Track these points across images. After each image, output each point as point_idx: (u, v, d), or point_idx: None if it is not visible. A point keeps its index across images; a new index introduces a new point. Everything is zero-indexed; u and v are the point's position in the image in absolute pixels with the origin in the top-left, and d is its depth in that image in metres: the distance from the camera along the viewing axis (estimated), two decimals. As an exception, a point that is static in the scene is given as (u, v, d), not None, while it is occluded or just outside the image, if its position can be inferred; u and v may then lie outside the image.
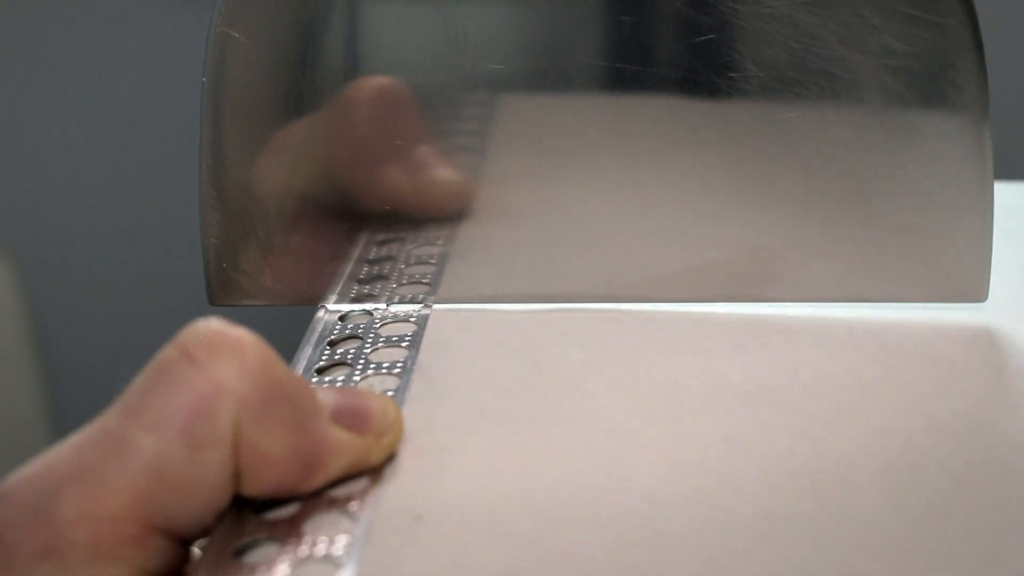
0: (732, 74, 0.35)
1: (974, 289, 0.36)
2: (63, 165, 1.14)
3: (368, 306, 0.38)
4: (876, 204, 0.36)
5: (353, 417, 0.28)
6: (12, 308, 1.14)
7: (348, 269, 0.38)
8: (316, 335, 0.36)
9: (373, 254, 0.38)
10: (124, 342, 0.80)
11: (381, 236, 0.38)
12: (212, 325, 0.27)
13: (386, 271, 0.38)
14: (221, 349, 0.27)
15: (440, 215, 0.38)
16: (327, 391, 0.29)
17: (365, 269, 0.38)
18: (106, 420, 0.26)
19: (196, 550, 0.28)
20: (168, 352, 0.27)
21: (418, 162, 0.37)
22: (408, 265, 0.38)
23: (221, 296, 0.38)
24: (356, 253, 0.38)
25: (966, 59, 0.34)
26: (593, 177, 0.37)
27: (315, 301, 0.38)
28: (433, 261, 0.38)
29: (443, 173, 0.37)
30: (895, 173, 0.35)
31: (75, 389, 1.13)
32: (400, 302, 0.38)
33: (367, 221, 0.38)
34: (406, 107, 0.36)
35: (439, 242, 0.38)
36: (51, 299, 1.16)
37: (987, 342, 0.35)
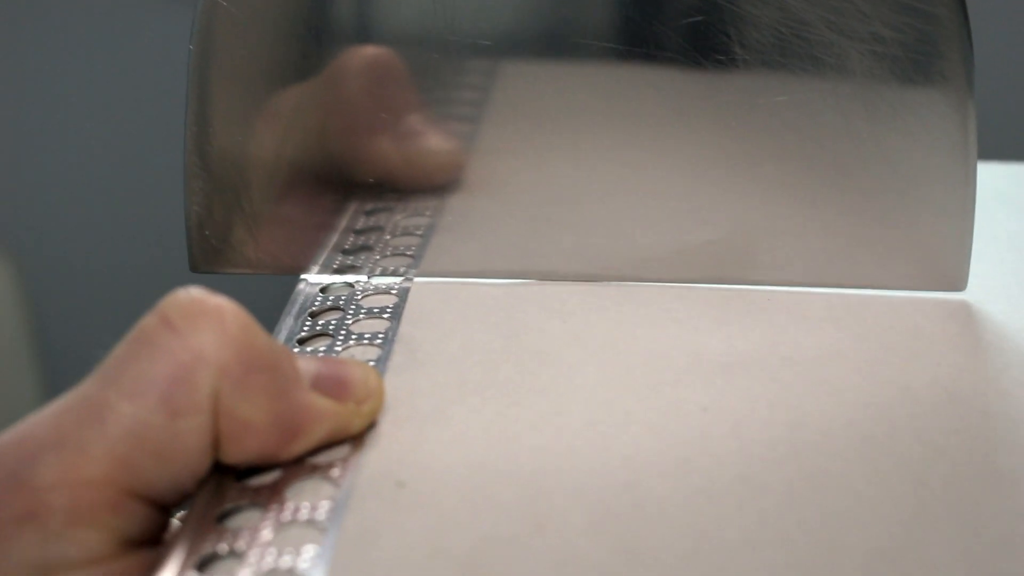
0: (719, 56, 0.35)
1: (954, 278, 0.36)
2: (63, 164, 1.13)
3: (350, 278, 0.38)
4: (859, 191, 0.36)
5: (333, 384, 0.29)
6: (12, 308, 1.14)
7: (334, 239, 0.38)
8: (297, 306, 0.36)
9: (360, 224, 0.38)
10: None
11: (369, 206, 0.38)
12: (192, 293, 0.27)
13: (371, 242, 0.38)
14: (201, 317, 0.27)
15: (430, 186, 0.38)
16: (308, 359, 0.29)
17: (351, 239, 0.38)
18: (85, 387, 0.26)
19: (176, 520, 0.28)
20: (148, 320, 0.27)
21: (409, 132, 0.37)
22: (394, 236, 0.38)
23: (203, 263, 0.37)
24: (343, 223, 0.38)
25: (954, 49, 0.34)
26: (579, 156, 0.37)
27: (298, 271, 0.38)
28: (419, 232, 0.38)
29: (434, 143, 0.37)
30: (879, 160, 0.35)
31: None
32: (382, 274, 0.38)
33: (356, 191, 0.38)
34: (398, 77, 0.36)
35: (427, 212, 0.38)
36: (51, 298, 1.15)
37: (964, 317, 0.35)
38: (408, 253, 0.38)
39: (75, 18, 1.08)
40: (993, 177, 0.45)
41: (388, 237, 0.38)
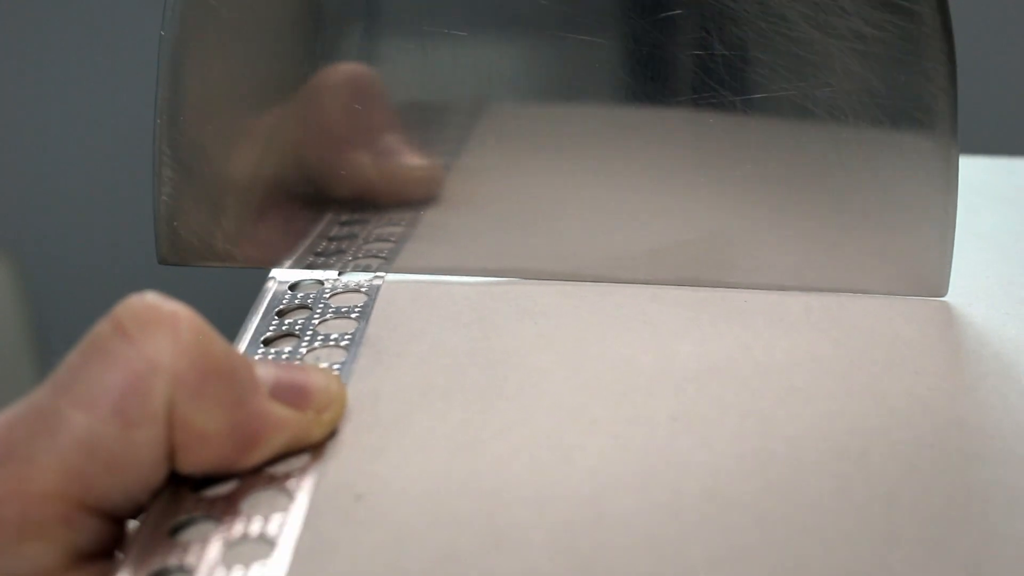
0: (697, 52, 0.34)
1: (934, 283, 0.36)
2: (62, 164, 1.12)
3: (320, 275, 0.37)
4: (839, 193, 0.35)
5: (293, 392, 0.28)
6: (12, 307, 1.13)
7: (307, 243, 0.37)
8: (265, 304, 0.35)
9: (335, 232, 0.37)
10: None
11: (344, 217, 0.37)
12: (147, 299, 0.27)
13: (344, 246, 0.37)
14: (155, 324, 0.26)
15: (407, 200, 0.37)
16: (266, 366, 0.28)
17: (324, 244, 0.37)
18: (37, 396, 0.26)
19: (134, 524, 0.27)
20: (101, 327, 0.26)
21: (386, 149, 0.36)
22: (368, 242, 0.37)
23: (170, 255, 0.37)
24: (317, 230, 0.37)
25: (935, 47, 0.33)
26: (556, 155, 0.36)
27: (269, 264, 0.37)
28: (393, 239, 0.37)
29: (411, 160, 0.37)
30: (859, 161, 0.35)
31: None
32: (354, 270, 0.37)
33: (332, 203, 0.37)
34: (377, 94, 0.36)
35: (402, 223, 0.37)
36: (51, 298, 1.15)
37: (944, 321, 0.35)
38: (381, 255, 0.37)
39: (75, 18, 1.07)
40: (975, 171, 0.44)
41: (362, 242, 0.37)
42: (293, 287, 0.37)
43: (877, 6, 0.33)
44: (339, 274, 0.37)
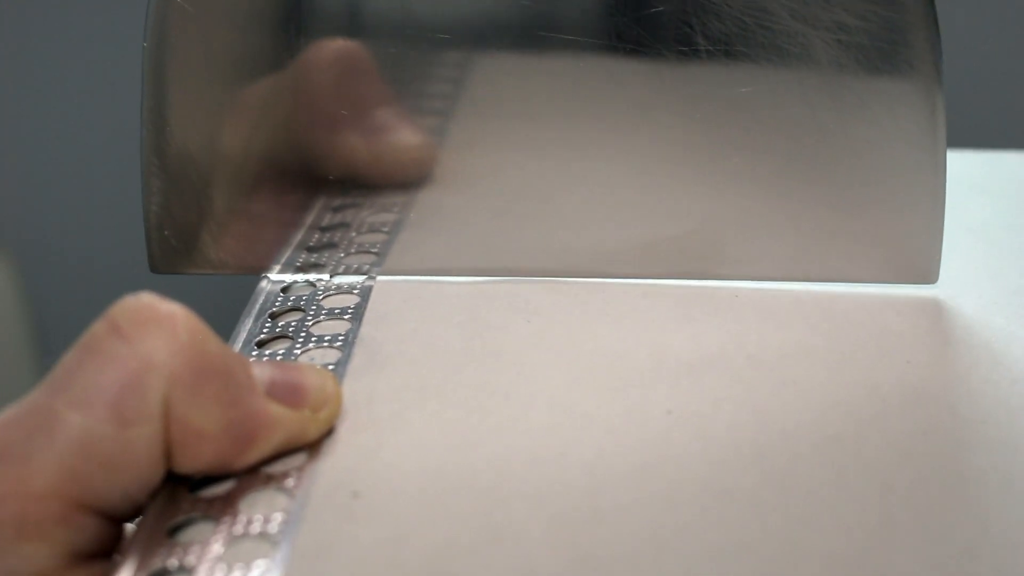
0: (682, 48, 0.34)
1: (925, 270, 0.36)
2: (62, 164, 1.12)
3: (312, 276, 0.37)
4: (827, 183, 0.35)
5: (289, 391, 0.28)
6: (12, 307, 1.13)
7: (298, 237, 0.37)
8: (257, 307, 0.35)
9: (326, 221, 0.37)
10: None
11: (336, 202, 0.37)
12: (142, 299, 0.27)
13: (336, 239, 0.37)
14: (151, 323, 0.26)
15: (398, 181, 0.37)
16: (262, 365, 0.28)
17: (316, 236, 0.37)
18: (34, 397, 0.26)
19: (130, 527, 0.27)
20: (97, 327, 0.26)
21: (377, 127, 0.36)
22: (360, 233, 0.37)
23: (162, 264, 0.37)
24: (309, 220, 0.37)
25: (920, 36, 0.33)
26: (544, 151, 0.36)
27: (260, 270, 0.37)
28: (386, 230, 0.37)
29: (402, 138, 0.36)
30: (847, 151, 0.35)
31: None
32: (345, 272, 0.37)
33: (323, 187, 0.37)
34: (365, 71, 0.36)
35: (395, 209, 0.37)
36: (51, 298, 1.14)
37: (934, 313, 0.35)
38: (372, 251, 0.37)
39: (74, 17, 1.07)
40: (963, 165, 0.44)
41: (354, 234, 0.37)
42: (285, 289, 0.37)
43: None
44: (331, 276, 0.37)
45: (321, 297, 0.36)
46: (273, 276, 0.37)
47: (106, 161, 1.12)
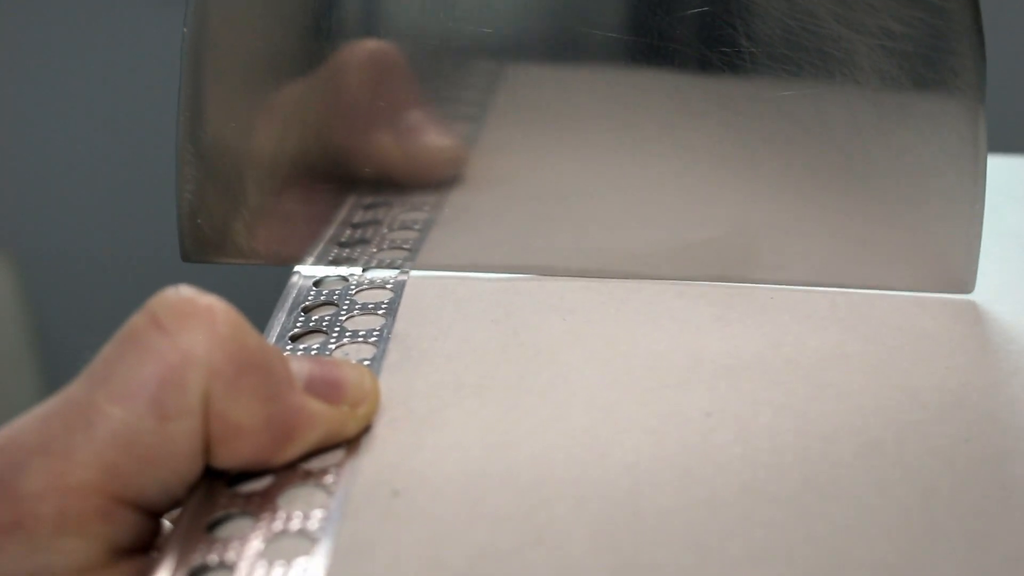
0: (725, 49, 0.34)
1: (961, 280, 0.36)
2: (62, 164, 1.12)
3: (344, 271, 0.37)
4: (865, 189, 0.35)
5: (327, 387, 0.28)
6: (12, 307, 1.13)
7: (330, 232, 0.37)
8: (290, 301, 0.35)
9: (358, 218, 0.37)
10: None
11: (368, 200, 0.37)
12: (182, 292, 0.26)
13: (368, 235, 0.37)
14: (191, 317, 0.26)
15: (430, 181, 0.37)
16: (300, 360, 0.28)
17: (348, 232, 0.37)
18: (73, 390, 0.26)
19: (167, 523, 0.27)
20: (137, 320, 0.26)
21: (409, 128, 0.36)
22: (392, 230, 0.37)
23: (194, 253, 0.37)
24: (341, 216, 0.37)
25: (965, 45, 0.33)
26: (582, 151, 0.36)
27: (292, 262, 0.37)
28: (417, 227, 0.37)
29: (435, 139, 0.36)
30: (886, 158, 0.35)
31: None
32: (378, 267, 0.37)
33: (355, 185, 0.37)
34: (399, 72, 0.35)
35: (426, 208, 0.37)
36: (51, 298, 1.14)
37: (971, 318, 0.35)
38: (405, 247, 0.37)
39: (73, 16, 1.07)
40: (1000, 171, 0.44)
41: (385, 231, 0.37)
42: (317, 283, 0.36)
43: (906, 3, 0.33)
44: (363, 270, 0.37)
45: (354, 292, 0.36)
46: (305, 271, 0.37)
47: (106, 161, 1.12)
